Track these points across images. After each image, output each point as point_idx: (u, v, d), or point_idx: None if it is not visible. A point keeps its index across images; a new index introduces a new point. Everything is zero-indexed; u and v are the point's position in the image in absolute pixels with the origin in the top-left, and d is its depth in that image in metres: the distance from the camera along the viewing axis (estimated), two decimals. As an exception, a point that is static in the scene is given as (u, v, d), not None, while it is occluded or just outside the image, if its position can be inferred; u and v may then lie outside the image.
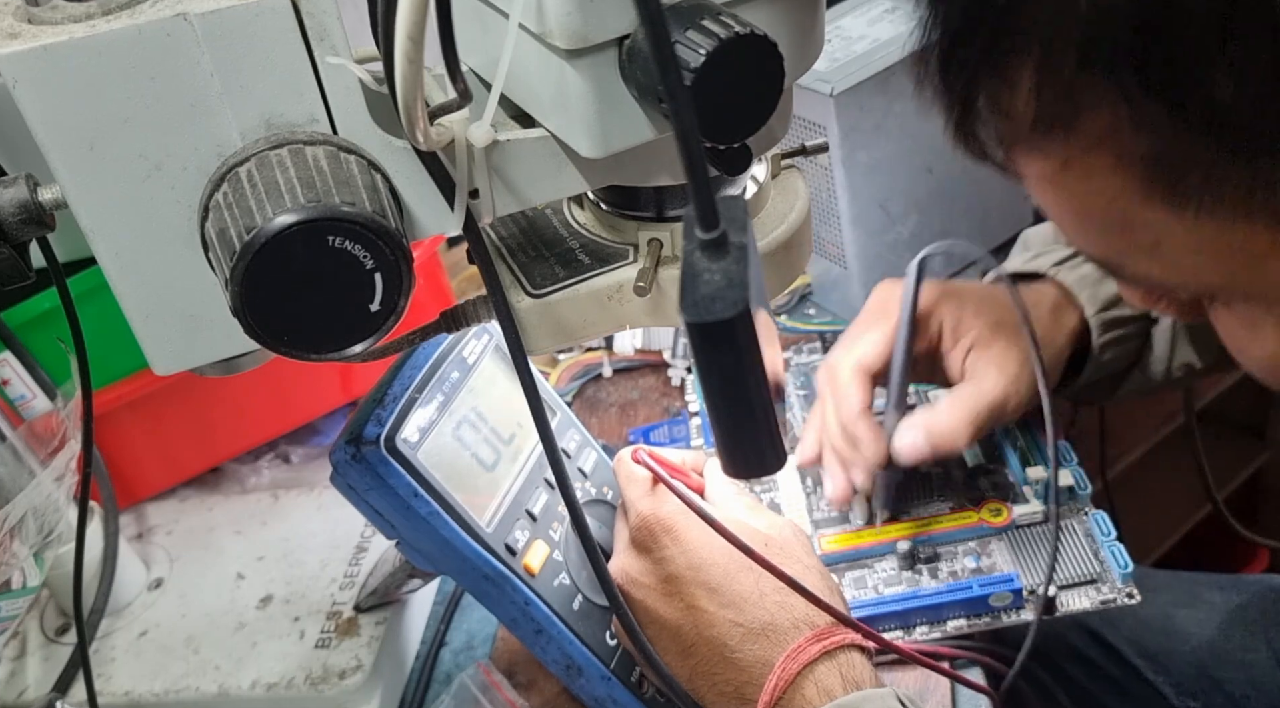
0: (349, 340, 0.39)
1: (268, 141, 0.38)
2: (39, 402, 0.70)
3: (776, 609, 0.55)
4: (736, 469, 0.37)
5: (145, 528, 0.82)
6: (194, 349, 0.43)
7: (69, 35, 0.35)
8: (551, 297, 0.47)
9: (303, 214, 0.35)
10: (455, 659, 0.72)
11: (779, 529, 0.59)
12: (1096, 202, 0.40)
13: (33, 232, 0.39)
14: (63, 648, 0.73)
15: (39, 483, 0.62)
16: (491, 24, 0.41)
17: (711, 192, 0.31)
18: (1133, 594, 0.64)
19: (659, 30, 0.29)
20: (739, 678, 0.54)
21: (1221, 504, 1.05)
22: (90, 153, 0.37)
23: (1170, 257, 0.40)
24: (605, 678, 0.60)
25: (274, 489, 0.83)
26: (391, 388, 0.57)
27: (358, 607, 0.70)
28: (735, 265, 0.31)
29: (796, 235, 0.48)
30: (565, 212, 0.51)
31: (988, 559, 0.67)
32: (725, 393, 0.34)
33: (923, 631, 0.65)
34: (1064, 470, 0.69)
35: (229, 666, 0.68)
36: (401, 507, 0.55)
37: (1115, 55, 0.35)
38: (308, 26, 0.37)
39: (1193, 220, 0.37)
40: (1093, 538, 0.67)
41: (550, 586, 0.59)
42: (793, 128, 0.54)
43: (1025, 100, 0.38)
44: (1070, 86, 0.36)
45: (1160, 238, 0.39)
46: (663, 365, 0.90)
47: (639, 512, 0.59)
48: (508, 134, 0.42)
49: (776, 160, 0.51)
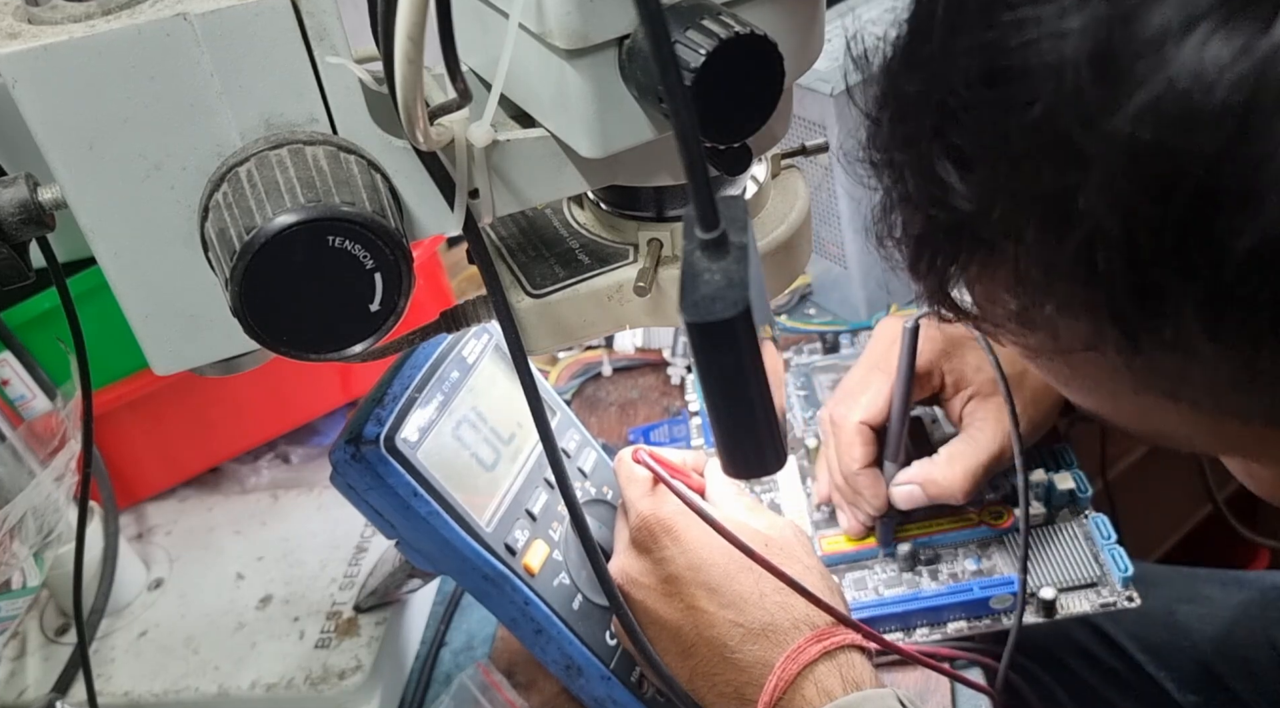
0: (349, 340, 0.39)
1: (267, 141, 0.38)
2: (39, 402, 0.70)
3: (777, 610, 0.55)
4: (736, 469, 0.37)
5: (145, 528, 0.82)
6: (194, 349, 0.43)
7: (69, 35, 0.35)
8: (551, 297, 0.47)
9: (302, 214, 0.35)
10: (455, 659, 0.72)
11: (779, 530, 0.59)
12: (1085, 382, 0.39)
13: (32, 231, 0.39)
14: (63, 648, 0.73)
15: (39, 483, 0.62)
16: (491, 24, 0.41)
17: (711, 191, 0.31)
18: (1132, 597, 0.64)
19: (659, 30, 0.29)
20: (739, 678, 0.54)
21: (1222, 504, 1.05)
22: (90, 153, 0.37)
23: (1162, 428, 0.39)
24: (605, 678, 0.60)
25: (274, 489, 0.83)
26: (391, 388, 0.57)
27: (358, 607, 0.70)
28: (735, 265, 0.31)
29: (796, 235, 0.48)
30: (565, 211, 0.51)
31: (988, 561, 0.67)
32: (725, 393, 0.34)
33: (923, 632, 0.65)
34: (1065, 473, 0.69)
35: (229, 666, 0.68)
36: (401, 506, 0.55)
37: (1097, 313, 0.33)
38: (308, 26, 0.37)
39: (1188, 413, 0.36)
40: (1093, 541, 0.67)
41: (550, 586, 0.59)
42: (793, 128, 0.53)
43: (1004, 311, 0.37)
44: (1050, 318, 0.35)
45: (1152, 414, 0.38)
46: (663, 365, 0.90)
47: (639, 512, 0.59)
48: (508, 134, 0.42)
49: (776, 160, 0.51)
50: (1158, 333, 0.32)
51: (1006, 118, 0.32)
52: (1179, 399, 0.36)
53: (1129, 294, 0.31)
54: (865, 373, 0.70)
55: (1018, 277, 0.35)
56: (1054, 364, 0.39)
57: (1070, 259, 0.32)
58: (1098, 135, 0.30)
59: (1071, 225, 0.31)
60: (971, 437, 0.67)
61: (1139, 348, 0.33)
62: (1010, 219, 0.33)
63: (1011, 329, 0.38)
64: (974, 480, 0.66)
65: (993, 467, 0.66)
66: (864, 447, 0.67)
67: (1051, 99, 0.31)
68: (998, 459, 0.66)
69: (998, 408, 0.67)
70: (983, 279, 0.37)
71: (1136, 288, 0.31)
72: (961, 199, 0.34)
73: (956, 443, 0.67)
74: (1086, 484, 0.69)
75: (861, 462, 0.67)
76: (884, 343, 0.70)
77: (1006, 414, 0.66)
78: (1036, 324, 0.36)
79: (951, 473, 0.66)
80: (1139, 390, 0.36)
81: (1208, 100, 0.28)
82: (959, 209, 0.34)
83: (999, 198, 0.33)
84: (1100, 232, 0.31)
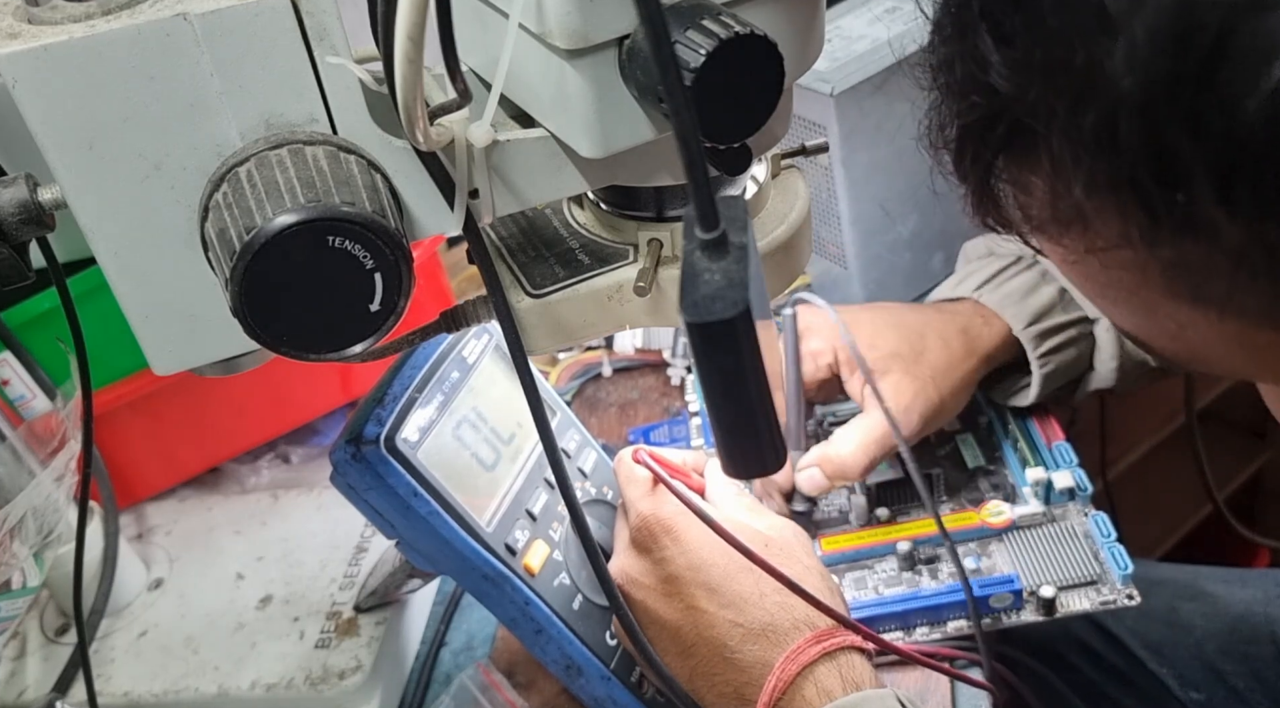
0: (349, 341, 0.39)
1: (267, 141, 0.38)
2: (39, 402, 0.70)
3: (776, 610, 0.55)
4: (736, 469, 0.37)
5: (145, 528, 0.82)
6: (194, 349, 0.43)
7: (69, 35, 0.35)
8: (551, 297, 0.47)
9: (303, 214, 0.35)
10: (455, 659, 0.72)
11: (779, 530, 0.59)
12: (1119, 290, 0.40)
13: (32, 232, 0.39)
14: (62, 648, 0.73)
15: (39, 483, 0.62)
16: (491, 24, 0.41)
17: (711, 191, 0.31)
18: (1132, 595, 0.64)
19: (659, 30, 0.29)
20: (739, 679, 0.54)
21: (1222, 504, 1.05)
22: (90, 153, 0.37)
23: (1197, 345, 0.40)
24: (605, 678, 0.60)
25: (274, 489, 0.83)
26: (391, 388, 0.57)
27: (357, 607, 0.70)
28: (735, 265, 0.31)
29: (796, 235, 0.48)
30: (565, 212, 0.51)
31: (988, 560, 0.67)
32: (725, 393, 0.34)
33: (923, 631, 0.65)
34: (1065, 472, 0.69)
35: (228, 666, 0.68)
36: (401, 506, 0.55)
37: (1120, 190, 0.34)
38: (308, 26, 0.37)
39: (1217, 319, 0.37)
40: (1092, 539, 0.67)
41: (550, 586, 0.59)
42: (793, 128, 0.54)
43: (1040, 202, 0.38)
44: (1080, 205, 0.36)
45: (1185, 327, 0.39)
46: (663, 365, 0.90)
47: (639, 512, 0.59)
48: (507, 134, 0.42)
49: (776, 160, 0.51)
50: (1175, 205, 0.33)
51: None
52: (1208, 304, 0.36)
53: (1146, 161, 0.33)
54: None
55: (1051, 161, 0.36)
56: (1090, 269, 0.40)
57: (1094, 132, 0.33)
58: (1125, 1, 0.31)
59: (1097, 96, 0.33)
60: (866, 414, 0.69)
61: (1160, 228, 0.34)
62: (1044, 98, 0.34)
63: (1048, 229, 0.39)
64: (871, 457, 0.68)
65: (886, 441, 0.68)
66: None
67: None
68: (889, 434, 0.68)
69: (892, 385, 0.69)
70: (1022, 172, 0.38)
71: (1153, 154, 0.32)
72: (1001, 78, 0.35)
73: (855, 421, 0.69)
74: (1086, 482, 0.69)
75: None
76: None
77: (902, 392, 0.68)
78: (1069, 218, 0.37)
79: (846, 450, 0.68)
80: (1169, 294, 0.37)
81: None
82: (999, 91, 0.36)
83: (1035, 75, 0.35)
84: (1122, 100, 0.32)
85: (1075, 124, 0.34)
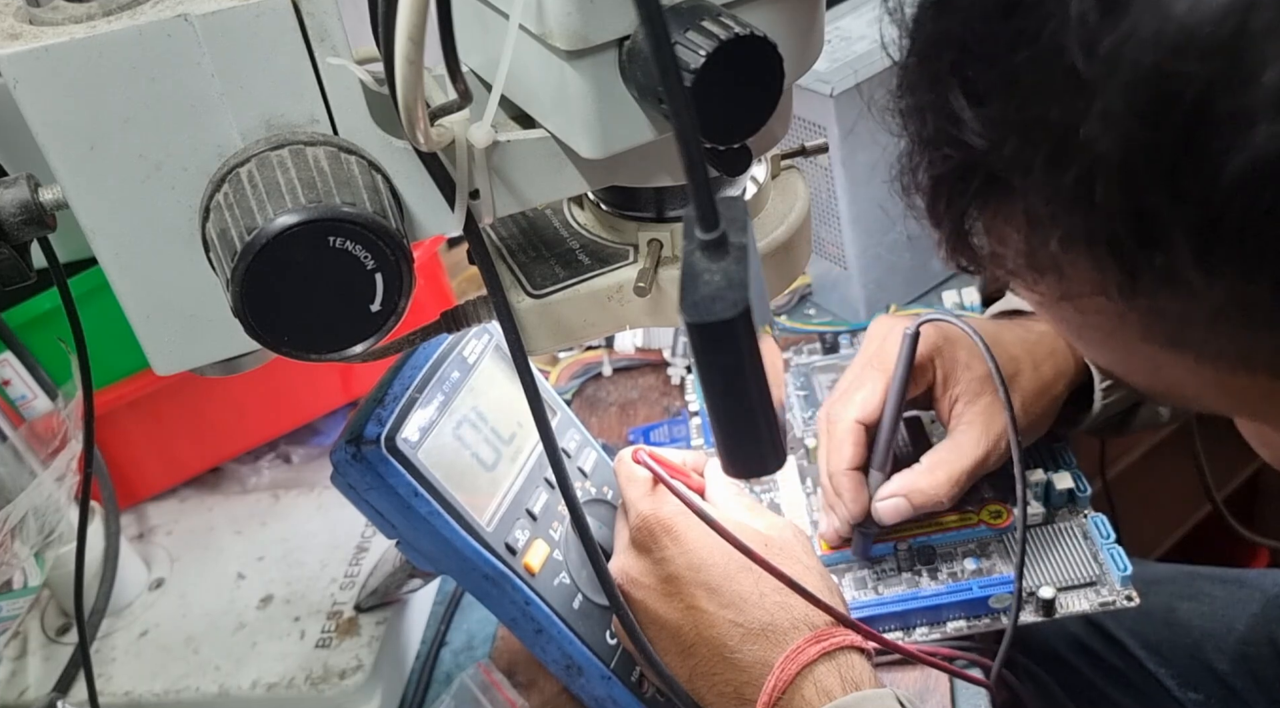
0: (349, 341, 0.39)
1: (268, 142, 0.38)
2: (40, 402, 0.70)
3: (776, 610, 0.55)
4: (736, 469, 0.37)
5: (146, 528, 0.82)
6: (194, 349, 0.43)
7: (70, 36, 0.35)
8: (551, 297, 0.47)
9: (304, 214, 0.36)
10: (455, 659, 0.72)
11: (779, 530, 0.59)
12: (1095, 333, 0.40)
13: (33, 232, 0.39)
14: (63, 648, 0.73)
15: (40, 483, 0.62)
16: (492, 25, 0.41)
17: (711, 192, 0.31)
18: (1131, 596, 0.64)
19: (659, 31, 0.29)
20: (738, 678, 0.54)
21: (1221, 504, 1.05)
22: (91, 153, 0.37)
23: (1173, 383, 0.40)
24: (605, 678, 0.60)
25: (274, 489, 0.83)
26: (392, 388, 0.57)
27: (358, 607, 0.70)
28: (735, 266, 0.31)
29: (796, 236, 0.48)
30: (565, 212, 0.51)
31: (987, 561, 0.67)
32: (725, 393, 0.34)
33: (922, 632, 0.65)
34: (1064, 473, 0.69)
35: (229, 666, 0.69)
36: (401, 506, 0.55)
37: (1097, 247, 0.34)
38: (308, 27, 0.38)
39: (1194, 363, 0.37)
40: (1092, 541, 0.67)
41: (550, 585, 0.59)
42: (793, 128, 0.54)
43: (1015, 251, 0.38)
44: (1056, 257, 0.36)
45: (1162, 368, 0.39)
46: (663, 365, 0.90)
47: (639, 512, 0.59)
48: (508, 135, 0.42)
49: (776, 161, 0.51)
50: (1153, 264, 0.33)
51: (1018, 49, 0.33)
52: (1184, 349, 0.36)
53: (1124, 221, 0.32)
54: (860, 371, 0.69)
55: (1026, 214, 0.36)
56: (1065, 313, 0.40)
57: (1071, 190, 0.33)
58: (1100, 62, 0.31)
59: (1073, 156, 0.32)
60: (955, 441, 0.66)
61: (1137, 283, 0.34)
62: (1019, 154, 0.34)
63: (1023, 275, 0.39)
64: (958, 486, 0.65)
65: (976, 471, 0.65)
66: (854, 447, 0.66)
67: (1058, 28, 0.32)
68: (982, 463, 0.65)
69: (984, 410, 0.66)
70: (996, 221, 0.38)
71: (1131, 214, 0.32)
72: (975, 135, 0.35)
73: (940, 449, 0.66)
74: (1085, 483, 0.69)
75: (850, 462, 0.66)
76: (877, 340, 0.70)
77: (992, 417, 0.66)
78: (1045, 267, 0.37)
79: (935, 480, 0.65)
80: (1145, 339, 0.37)
81: (1203, 26, 0.29)
82: (973, 146, 0.35)
83: (1010, 132, 0.34)
84: (1099, 160, 0.32)
85: (1052, 181, 0.33)
